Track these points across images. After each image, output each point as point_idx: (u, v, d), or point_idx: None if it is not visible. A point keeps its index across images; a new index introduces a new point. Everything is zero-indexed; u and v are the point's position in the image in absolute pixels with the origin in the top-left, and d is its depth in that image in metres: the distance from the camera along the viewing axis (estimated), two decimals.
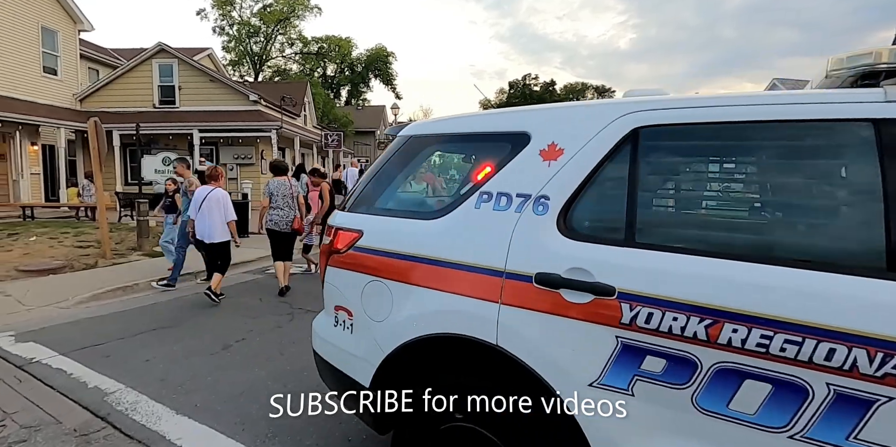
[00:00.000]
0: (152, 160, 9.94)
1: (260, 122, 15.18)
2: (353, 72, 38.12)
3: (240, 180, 15.90)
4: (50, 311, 5.12)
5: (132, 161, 15.79)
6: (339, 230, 1.98)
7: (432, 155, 2.06)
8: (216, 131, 15.06)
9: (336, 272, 1.98)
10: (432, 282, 1.66)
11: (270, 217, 5.74)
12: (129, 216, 11.55)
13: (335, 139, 19.64)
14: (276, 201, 5.72)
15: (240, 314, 4.96)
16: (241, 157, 15.83)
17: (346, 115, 30.24)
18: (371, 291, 1.83)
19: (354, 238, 1.90)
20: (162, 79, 15.86)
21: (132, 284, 6.08)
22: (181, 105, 15.92)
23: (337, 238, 1.97)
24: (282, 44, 32.88)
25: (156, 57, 15.74)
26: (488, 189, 1.65)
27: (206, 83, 15.93)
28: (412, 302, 1.69)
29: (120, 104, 15.55)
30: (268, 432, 2.64)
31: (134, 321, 4.78)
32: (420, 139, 1.94)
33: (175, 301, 5.56)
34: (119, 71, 15.94)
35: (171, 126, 14.72)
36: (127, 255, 7.96)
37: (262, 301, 5.49)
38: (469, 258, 1.60)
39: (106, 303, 5.47)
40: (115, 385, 3.24)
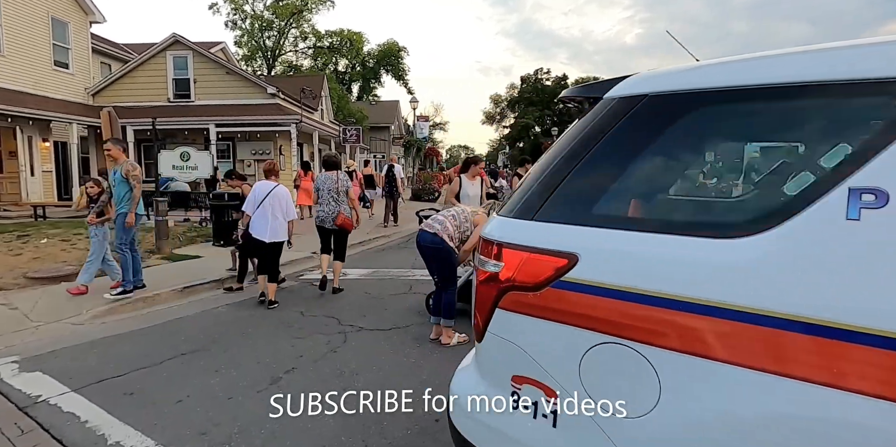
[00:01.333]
0: (170, 155, 9.27)
1: (279, 116, 14.46)
2: (365, 67, 37.32)
3: (257, 176, 15.23)
4: (60, 329, 4.41)
5: (147, 157, 15.18)
6: (518, 250, 1.19)
7: (697, 126, 1.22)
8: (233, 126, 14.36)
9: (518, 321, 1.19)
10: (759, 357, 0.87)
11: (318, 213, 5.50)
12: (146, 215, 10.88)
13: (354, 134, 18.91)
14: (322, 196, 5.41)
15: (282, 332, 4.22)
16: (260, 152, 15.13)
17: (361, 109, 29.47)
18: (604, 360, 1.05)
19: (561, 267, 1.11)
20: (176, 71, 15.18)
21: (152, 295, 5.37)
22: (197, 99, 15.24)
23: (515, 264, 1.18)
24: (295, 38, 32.16)
25: (170, 49, 15.06)
26: (874, 184, 0.85)
27: (222, 76, 15.23)
28: (715, 392, 0.91)
29: (133, 98, 14.90)
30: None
31: (158, 342, 4.05)
32: (670, 99, 1.14)
33: (202, 316, 4.83)
34: (132, 64, 15.29)
35: (186, 120, 14.03)
36: (144, 259, 7.26)
37: (305, 315, 4.74)
38: (857, 317, 0.81)
39: (124, 319, 4.76)
40: (143, 441, 2.50)
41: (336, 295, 5.43)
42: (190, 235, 9.12)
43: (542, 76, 50.61)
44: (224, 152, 15.04)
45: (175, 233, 8.97)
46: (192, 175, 9.43)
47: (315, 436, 2.50)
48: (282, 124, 14.53)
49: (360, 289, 5.70)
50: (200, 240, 8.84)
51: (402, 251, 8.46)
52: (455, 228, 3.80)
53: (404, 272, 6.69)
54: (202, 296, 5.54)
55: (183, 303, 5.29)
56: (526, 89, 50.73)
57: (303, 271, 6.82)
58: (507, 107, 53.83)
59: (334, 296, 5.40)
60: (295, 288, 5.91)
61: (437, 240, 3.72)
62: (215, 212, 8.34)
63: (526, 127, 50.36)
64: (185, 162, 9.34)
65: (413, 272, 6.64)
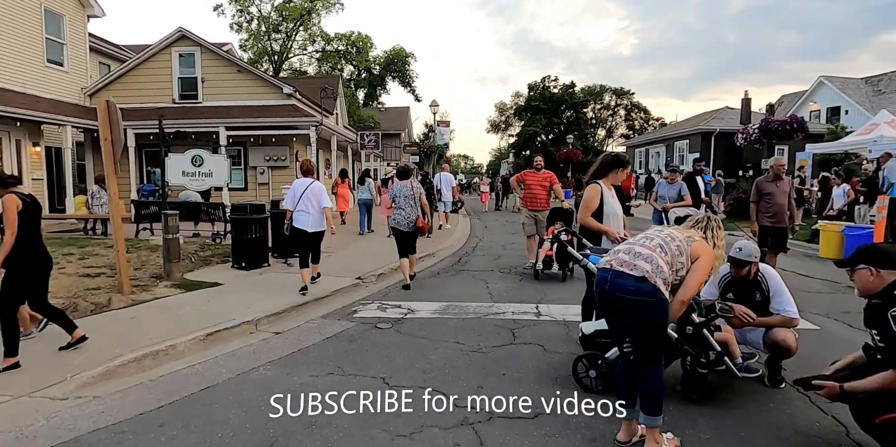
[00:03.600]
0: (179, 160, 7.84)
1: (296, 118, 13.06)
2: (371, 74, 36.07)
3: (272, 185, 13.78)
4: (34, 409, 2.93)
5: (149, 164, 13.73)
6: None
7: None
8: (245, 129, 12.95)
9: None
10: None
11: (394, 217, 6.06)
12: (148, 229, 9.43)
13: (372, 140, 17.52)
14: (399, 202, 6.00)
15: (373, 423, 2.72)
16: (274, 159, 13.69)
17: (372, 115, 28.15)
18: None
19: None
20: (182, 70, 13.80)
21: (165, 346, 3.89)
22: (204, 99, 13.84)
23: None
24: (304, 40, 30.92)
25: (175, 45, 13.70)
26: None
27: (232, 74, 13.85)
28: None
29: (135, 99, 13.51)
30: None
31: (186, 439, 2.57)
32: None
33: (240, 384, 3.34)
34: (134, 61, 13.89)
35: (193, 123, 12.61)
36: (151, 288, 5.79)
37: (391, 384, 3.24)
38: None
39: (126, 389, 3.27)
40: None
41: (422, 344, 3.97)
42: (203, 255, 7.64)
43: (550, 83, 49.64)
44: (235, 158, 13.59)
45: (186, 252, 7.50)
46: (206, 183, 7.98)
47: None
48: (299, 127, 13.14)
49: (447, 336, 4.23)
50: (217, 261, 7.36)
51: (463, 276, 6.99)
52: (668, 266, 2.36)
53: (486, 307, 5.22)
54: (232, 347, 4.06)
55: (208, 358, 3.81)
56: (533, 97, 49.73)
57: (354, 306, 5.35)
58: (512, 115, 52.87)
59: (420, 349, 3.93)
60: (356, 334, 4.41)
61: (646, 289, 2.27)
62: (237, 227, 6.88)
63: (533, 135, 49.36)
64: (197, 167, 7.90)
65: (498, 307, 5.19)
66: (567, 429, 2.66)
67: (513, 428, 2.66)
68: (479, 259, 8.32)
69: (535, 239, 6.96)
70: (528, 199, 7.05)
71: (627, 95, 50.89)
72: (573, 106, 48.68)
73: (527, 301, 5.43)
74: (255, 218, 6.92)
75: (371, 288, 6.22)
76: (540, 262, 6.47)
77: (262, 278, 6.42)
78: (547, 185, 7.03)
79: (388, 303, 5.34)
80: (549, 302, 5.40)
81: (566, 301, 5.23)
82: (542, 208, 6.99)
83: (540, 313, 4.98)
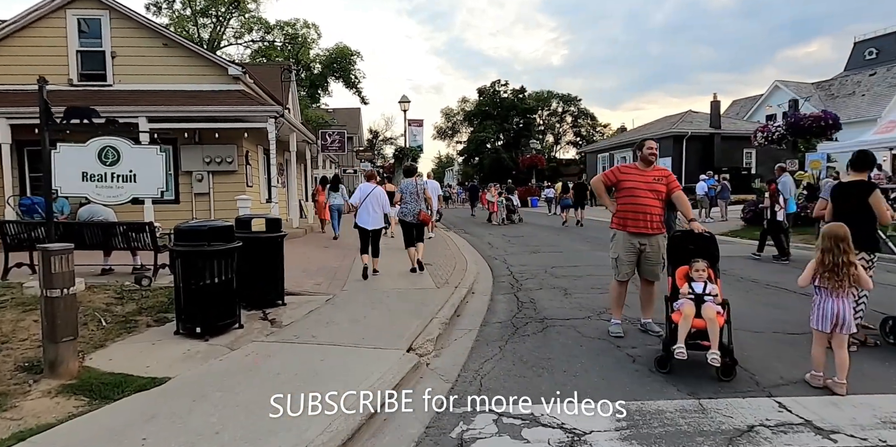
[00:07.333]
0: (77, 154, 4.77)
1: (248, 108, 9.95)
2: (311, 72, 32.57)
3: (213, 196, 10.49)
4: None
5: (33, 169, 9.97)
6: None
7: None
8: (176, 121, 9.63)
9: None
10: None
11: (401, 210, 6.67)
12: (29, 265, 6.09)
13: (336, 140, 14.58)
14: (405, 198, 6.61)
15: None
16: (217, 161, 10.37)
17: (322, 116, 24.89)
18: None
19: None
20: (84, 41, 10.20)
21: None
22: (117, 81, 10.32)
23: None
24: (239, 28, 26.93)
25: (73, 5, 10.09)
26: None
27: (157, 49, 10.44)
28: None
29: (10, 79, 9.78)
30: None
31: None
32: None
33: None
34: (8, 28, 10.09)
35: (100, 112, 9.11)
36: (13, 395, 2.81)
37: None
38: None
39: None
40: None
41: None
42: (123, 312, 4.56)
43: (500, 88, 48.67)
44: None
45: (91, 309, 4.40)
46: (125, 191, 4.87)
47: None
48: (251, 120, 10.06)
49: None
50: (148, 322, 4.35)
51: (551, 334, 4.52)
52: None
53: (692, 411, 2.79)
54: None
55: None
56: (484, 102, 48.52)
57: (446, 423, 2.71)
58: (461, 121, 51.40)
59: None
60: None
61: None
62: (187, 265, 3.92)
63: (484, 141, 48.10)
64: (108, 167, 4.84)
65: (713, 408, 2.79)
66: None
67: None
68: (547, 300, 5.88)
69: (627, 286, 4.29)
70: (629, 215, 4.13)
71: (575, 102, 51.08)
72: (523, 112, 48.06)
73: (743, 391, 3.09)
74: (217, 250, 4.03)
75: (440, 367, 3.60)
76: (681, 341, 3.23)
77: (242, 360, 3.57)
78: (663, 189, 4.12)
79: (510, 415, 2.76)
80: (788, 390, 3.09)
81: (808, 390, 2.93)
82: (654, 231, 4.12)
83: (789, 409, 2.69)
